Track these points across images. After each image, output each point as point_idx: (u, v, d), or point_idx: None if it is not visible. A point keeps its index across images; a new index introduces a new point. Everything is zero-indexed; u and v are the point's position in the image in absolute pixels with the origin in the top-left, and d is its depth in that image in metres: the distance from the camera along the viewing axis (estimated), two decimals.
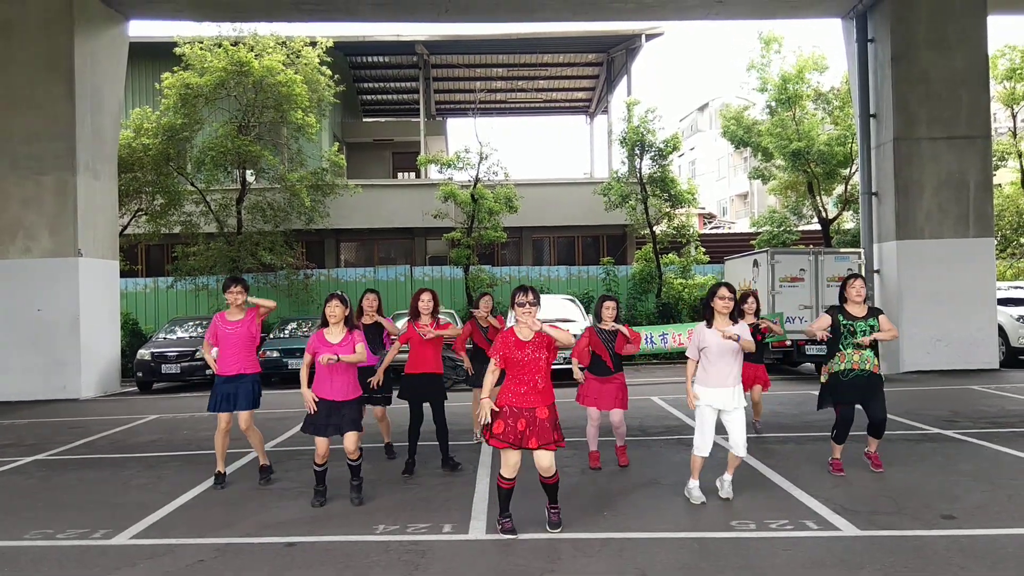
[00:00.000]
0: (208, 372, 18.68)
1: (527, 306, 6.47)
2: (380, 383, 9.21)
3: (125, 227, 23.65)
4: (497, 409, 6.41)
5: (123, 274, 21.60)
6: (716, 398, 7.27)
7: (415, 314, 9.04)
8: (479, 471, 8.97)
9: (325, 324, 7.71)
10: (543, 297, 6.80)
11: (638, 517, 7.03)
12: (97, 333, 18.35)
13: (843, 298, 8.21)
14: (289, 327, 21.30)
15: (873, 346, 8.06)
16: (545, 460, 6.46)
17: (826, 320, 8.14)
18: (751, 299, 10.49)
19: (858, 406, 8.23)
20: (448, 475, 8.74)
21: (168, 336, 20.35)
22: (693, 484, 7.43)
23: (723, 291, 7.32)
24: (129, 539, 6.77)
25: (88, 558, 6.32)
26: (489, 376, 6.54)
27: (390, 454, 9.92)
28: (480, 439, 10.43)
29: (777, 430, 11.06)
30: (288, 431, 12.04)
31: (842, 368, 8.06)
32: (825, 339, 8.14)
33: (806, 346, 17.78)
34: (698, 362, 7.44)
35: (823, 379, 8.35)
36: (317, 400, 7.57)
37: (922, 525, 6.57)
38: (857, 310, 8.09)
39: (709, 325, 7.37)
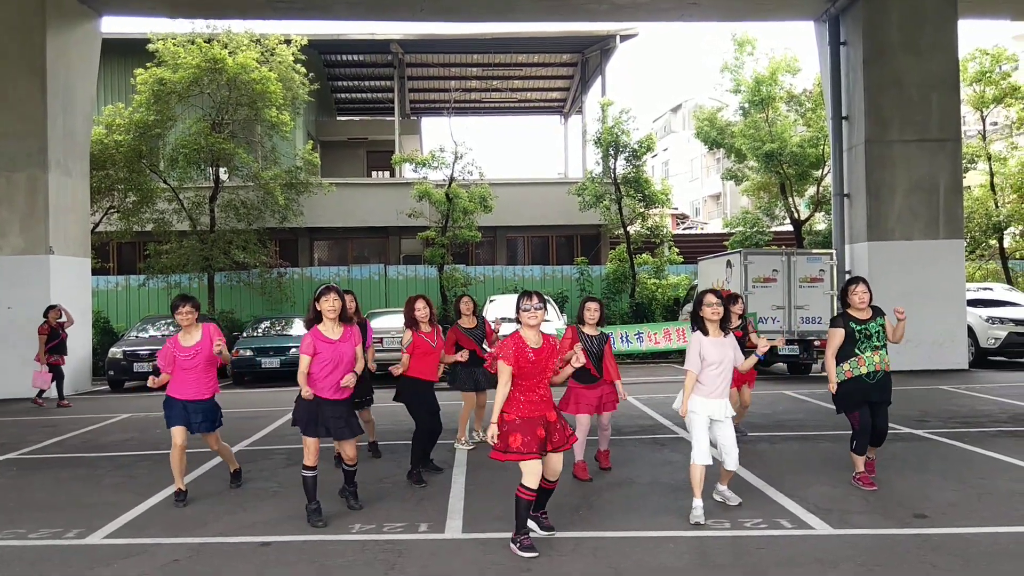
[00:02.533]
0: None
1: (532, 310, 6.23)
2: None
3: (97, 225, 23.41)
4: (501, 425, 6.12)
5: (95, 272, 21.38)
6: (711, 408, 7.00)
7: (412, 323, 8.78)
8: (454, 470, 8.97)
9: (317, 319, 7.23)
10: (516, 297, 6.62)
11: (613, 516, 7.07)
12: (68, 331, 18.13)
13: (846, 303, 7.94)
14: (262, 326, 21.20)
15: (885, 345, 7.86)
16: (558, 464, 6.36)
17: (839, 334, 7.84)
18: (740, 301, 10.44)
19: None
20: (424, 474, 8.68)
21: (140, 335, 20.19)
22: (697, 503, 6.85)
23: (710, 298, 7.05)
24: (103, 539, 6.72)
25: (62, 558, 6.27)
26: (502, 389, 6.15)
27: (375, 453, 9.86)
28: (463, 446, 10.30)
29: (750, 429, 11.12)
30: (260, 431, 11.99)
31: (865, 371, 7.75)
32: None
33: (779, 346, 17.86)
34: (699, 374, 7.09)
35: (839, 380, 7.88)
36: (311, 397, 7.06)
37: (895, 524, 6.64)
38: (863, 314, 7.84)
39: (705, 335, 7.08)
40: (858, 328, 7.76)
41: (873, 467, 8.10)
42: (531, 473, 6.11)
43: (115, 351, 19.21)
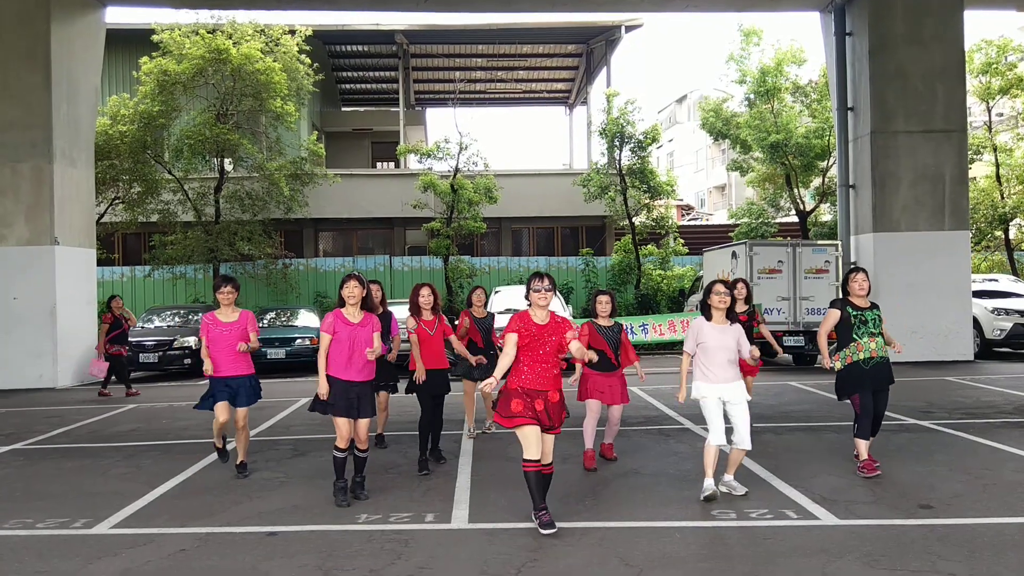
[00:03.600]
0: (187, 362, 18.63)
1: (542, 291, 6.45)
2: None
3: (102, 215, 23.46)
4: (502, 391, 6.29)
5: (100, 263, 21.44)
6: (721, 391, 7.25)
7: (415, 309, 8.93)
8: (460, 460, 8.99)
9: (341, 304, 7.44)
10: (522, 288, 6.76)
11: (619, 506, 7.08)
12: (74, 322, 18.20)
13: (846, 291, 8.21)
14: (267, 317, 21.20)
15: (881, 334, 8.08)
16: (549, 446, 6.45)
17: (835, 315, 8.12)
18: (740, 284, 10.53)
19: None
20: (429, 463, 8.72)
21: (146, 325, 20.17)
22: (708, 483, 7.16)
23: (719, 287, 7.40)
24: (109, 528, 6.74)
25: (69, 547, 6.29)
26: (504, 359, 6.41)
27: (381, 444, 9.88)
28: (472, 434, 10.41)
29: (756, 420, 11.09)
30: (267, 421, 12.02)
31: (862, 357, 7.97)
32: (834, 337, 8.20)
33: (784, 337, 17.88)
34: (693, 356, 7.43)
35: (837, 367, 8.15)
36: (334, 381, 7.32)
37: (900, 514, 6.64)
38: (861, 302, 8.12)
39: (708, 320, 7.41)
40: (855, 313, 8.04)
41: (871, 456, 8.17)
42: (528, 443, 6.31)
43: None
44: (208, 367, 8.23)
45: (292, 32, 24.64)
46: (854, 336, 8.02)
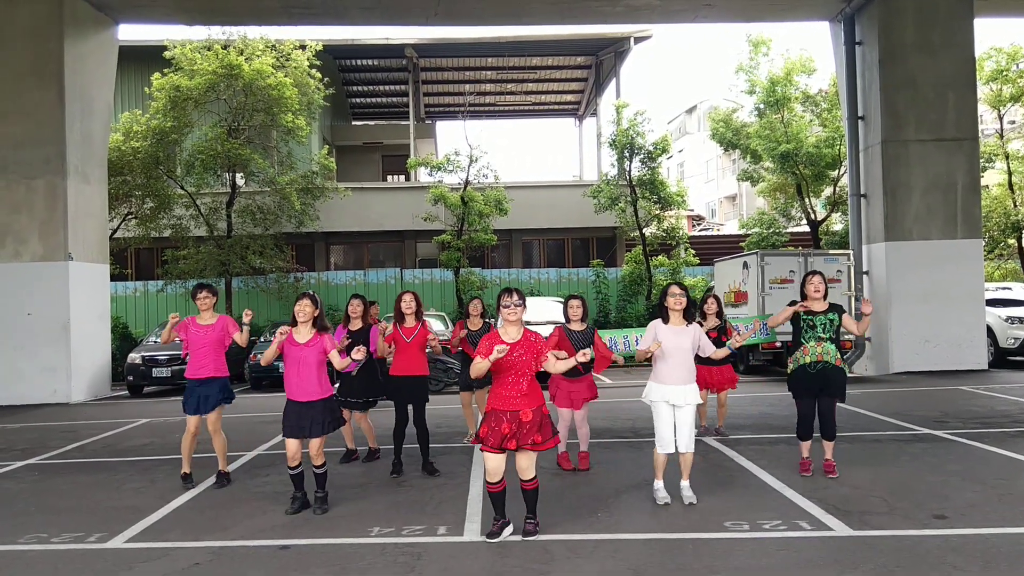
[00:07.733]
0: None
1: (512, 307, 6.49)
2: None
3: (115, 231, 23.58)
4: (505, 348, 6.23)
5: (113, 278, 21.53)
6: (670, 394, 7.35)
7: (399, 316, 9.08)
8: (472, 472, 8.99)
9: (295, 323, 7.69)
10: (532, 300, 6.79)
11: (631, 518, 7.06)
12: (87, 337, 18.28)
13: (803, 295, 8.36)
14: (278, 330, 21.22)
15: (834, 340, 8.23)
16: (523, 461, 6.46)
17: (787, 312, 8.32)
18: (711, 300, 10.64)
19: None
20: (441, 477, 8.77)
21: (158, 340, 20.26)
22: (658, 485, 7.56)
23: (674, 289, 7.50)
24: (124, 542, 6.77)
25: (84, 562, 6.31)
26: (480, 364, 6.32)
27: (371, 458, 9.88)
28: (469, 439, 10.50)
29: (769, 431, 11.13)
30: (277, 435, 11.97)
31: (808, 361, 8.21)
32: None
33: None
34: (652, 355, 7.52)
35: (788, 371, 8.45)
36: (287, 402, 7.57)
37: (914, 525, 6.61)
38: (817, 306, 8.25)
39: (665, 322, 7.50)
40: (805, 318, 8.24)
41: (833, 467, 8.40)
42: (487, 469, 6.45)
43: (134, 356, 19.30)
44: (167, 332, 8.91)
45: (303, 47, 24.78)
46: (802, 340, 8.26)
